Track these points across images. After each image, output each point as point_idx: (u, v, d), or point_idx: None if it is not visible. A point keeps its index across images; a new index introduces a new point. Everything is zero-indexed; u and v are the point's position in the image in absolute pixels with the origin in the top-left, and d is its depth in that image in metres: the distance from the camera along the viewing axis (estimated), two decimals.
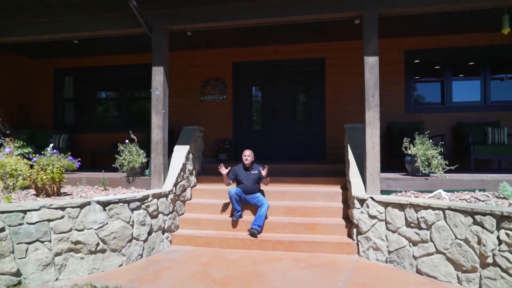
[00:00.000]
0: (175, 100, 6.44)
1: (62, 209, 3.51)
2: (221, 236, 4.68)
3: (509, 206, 3.38)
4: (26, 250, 3.29)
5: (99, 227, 3.73)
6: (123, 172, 5.15)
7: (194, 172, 5.82)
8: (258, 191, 5.12)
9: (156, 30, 4.98)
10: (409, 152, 4.60)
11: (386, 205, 4.04)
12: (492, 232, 3.12)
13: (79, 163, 5.33)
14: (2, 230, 3.18)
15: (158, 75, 4.97)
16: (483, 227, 3.17)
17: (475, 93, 6.73)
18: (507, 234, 3.00)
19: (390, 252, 3.95)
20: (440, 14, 5.46)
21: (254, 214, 4.98)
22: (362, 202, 4.29)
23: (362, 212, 4.26)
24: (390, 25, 4.31)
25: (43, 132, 7.93)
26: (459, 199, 3.79)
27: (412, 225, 3.76)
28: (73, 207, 3.57)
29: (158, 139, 4.97)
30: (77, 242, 3.57)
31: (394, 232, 3.93)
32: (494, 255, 3.07)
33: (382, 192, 4.39)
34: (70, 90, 8.64)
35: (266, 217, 4.83)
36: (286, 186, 5.54)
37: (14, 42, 5.80)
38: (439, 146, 4.50)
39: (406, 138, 4.70)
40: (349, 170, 4.85)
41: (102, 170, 5.12)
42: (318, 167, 6.11)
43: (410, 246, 3.77)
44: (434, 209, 3.56)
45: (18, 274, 3.21)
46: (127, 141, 5.18)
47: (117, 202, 3.91)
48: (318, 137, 7.47)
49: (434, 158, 4.42)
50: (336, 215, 4.89)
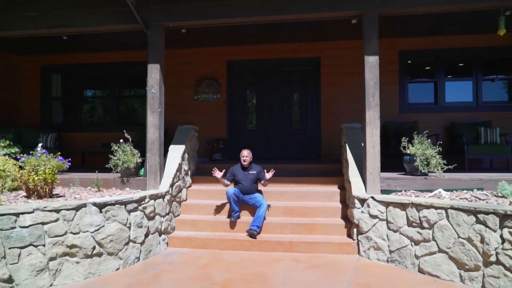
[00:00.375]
0: (168, 98, 6.25)
1: (57, 211, 3.35)
2: (219, 237, 4.60)
3: (510, 204, 3.42)
4: (19, 255, 3.12)
5: (95, 230, 3.59)
6: (117, 172, 5.00)
7: (189, 172, 5.71)
8: (256, 191, 5.06)
9: (152, 26, 4.84)
10: (408, 151, 4.61)
11: (387, 204, 4.03)
12: (495, 230, 3.14)
13: (69, 163, 5.14)
14: None
15: (154, 73, 4.83)
16: (486, 226, 3.19)
17: (468, 93, 6.85)
18: (511, 233, 3.02)
19: (391, 251, 3.94)
20: (435, 15, 5.51)
21: (252, 215, 4.92)
22: (362, 202, 4.27)
23: (362, 212, 4.25)
24: (385, 25, 4.34)
25: (30, 131, 7.65)
26: (460, 198, 3.82)
27: (414, 224, 3.76)
28: (68, 209, 3.42)
29: (154, 139, 4.84)
30: (72, 246, 3.42)
31: (395, 231, 3.93)
32: (497, 254, 3.09)
33: (382, 191, 4.38)
34: (58, 87, 8.36)
35: (265, 217, 4.77)
36: (283, 186, 5.49)
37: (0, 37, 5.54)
38: (437, 146, 4.52)
39: (404, 138, 4.72)
40: (348, 169, 4.83)
41: (96, 171, 4.95)
42: (315, 167, 6.09)
43: (412, 245, 3.77)
44: (436, 208, 3.56)
45: (10, 280, 3.05)
46: (122, 140, 5.03)
47: (113, 204, 3.77)
48: (313, 136, 7.45)
49: (433, 158, 4.44)
50: (334, 215, 4.87)
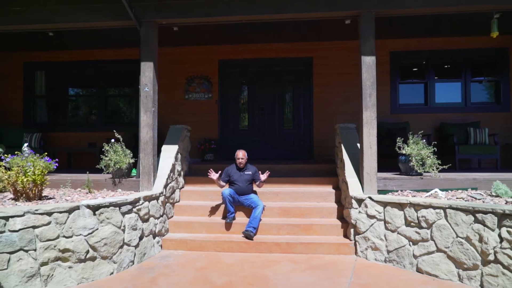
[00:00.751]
0: (158, 97, 6.09)
1: (49, 214, 3.20)
2: (214, 239, 4.51)
3: (506, 204, 3.48)
4: (8, 261, 2.96)
5: (89, 233, 3.45)
6: (108, 173, 4.84)
7: (182, 173, 5.60)
8: (252, 192, 5.00)
9: (145, 23, 4.70)
10: (403, 151, 4.65)
11: (385, 204, 4.04)
12: (493, 230, 3.18)
13: (57, 164, 4.95)
14: None
15: (148, 71, 4.70)
16: (485, 225, 3.23)
17: (457, 94, 6.99)
18: (509, 232, 3.07)
19: (389, 251, 3.96)
20: (425, 17, 5.57)
21: (247, 216, 4.85)
22: (360, 202, 4.27)
23: (360, 212, 4.25)
24: (376, 26, 4.41)
25: (13, 130, 7.33)
26: (456, 198, 3.87)
27: (412, 224, 3.78)
28: (60, 212, 3.27)
29: (148, 139, 4.70)
30: (65, 250, 3.27)
31: (393, 231, 3.94)
32: (495, 253, 3.14)
33: (379, 191, 4.40)
34: (42, 85, 8.04)
35: (260, 219, 4.71)
36: (278, 186, 5.45)
37: None
38: (432, 146, 4.57)
39: (399, 138, 4.76)
40: (344, 170, 4.83)
41: (87, 172, 4.78)
42: (308, 167, 6.08)
43: (410, 245, 3.79)
44: (435, 208, 3.59)
45: None
46: (113, 140, 4.88)
47: (107, 206, 3.63)
48: (305, 136, 7.45)
49: (428, 158, 4.49)
50: (330, 216, 4.86)
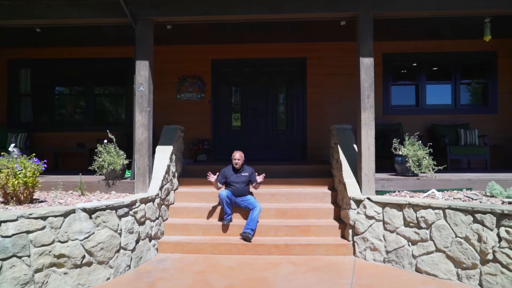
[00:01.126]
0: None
1: (43, 218, 3.06)
2: (212, 241, 4.44)
3: (502, 204, 3.55)
4: (0, 268, 2.82)
5: (85, 238, 3.32)
6: (101, 175, 4.70)
7: (176, 174, 5.49)
8: (248, 194, 4.95)
9: (140, 21, 4.58)
10: (399, 152, 4.69)
11: (384, 205, 4.07)
12: (492, 229, 3.24)
13: (45, 165, 4.77)
14: None
15: (143, 70, 4.58)
16: (484, 225, 3.29)
17: (447, 96, 7.13)
18: (507, 231, 3.13)
19: (388, 252, 3.98)
20: (418, 20, 5.66)
21: (244, 218, 4.80)
22: (358, 203, 4.28)
23: (358, 213, 4.26)
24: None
25: None
26: (454, 198, 3.92)
27: (411, 224, 3.81)
28: (56, 216, 3.13)
29: (143, 139, 4.58)
30: (60, 256, 3.14)
31: (392, 232, 3.97)
32: (494, 252, 3.19)
33: (376, 192, 4.42)
34: (27, 84, 7.75)
35: (258, 220, 4.66)
36: (274, 187, 5.42)
37: None
38: (428, 147, 4.64)
39: (396, 139, 4.80)
40: (341, 171, 4.84)
41: (80, 174, 4.62)
42: (303, 168, 6.07)
43: (409, 245, 3.82)
44: (434, 208, 3.63)
45: None
46: (106, 141, 4.74)
47: (104, 209, 3.51)
48: (299, 137, 7.45)
49: (424, 159, 4.55)
50: (327, 216, 4.86)
